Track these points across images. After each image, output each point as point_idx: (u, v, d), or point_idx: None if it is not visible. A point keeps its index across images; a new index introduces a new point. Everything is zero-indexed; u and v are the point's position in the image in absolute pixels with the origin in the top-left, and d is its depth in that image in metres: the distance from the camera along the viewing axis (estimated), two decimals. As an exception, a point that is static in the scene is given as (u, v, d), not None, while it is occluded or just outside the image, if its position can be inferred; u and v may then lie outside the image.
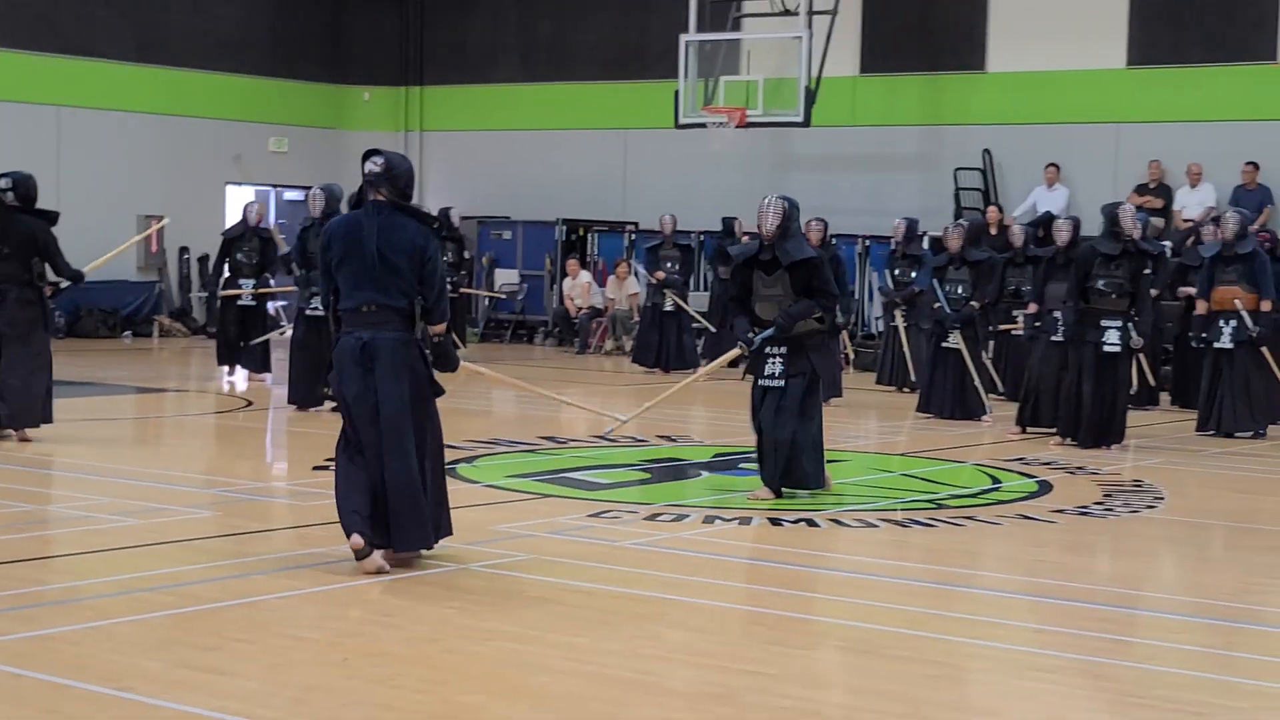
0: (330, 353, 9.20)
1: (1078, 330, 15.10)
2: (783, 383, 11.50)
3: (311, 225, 16.67)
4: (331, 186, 16.94)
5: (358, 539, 8.69)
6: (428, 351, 9.00)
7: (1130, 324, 14.85)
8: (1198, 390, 17.11)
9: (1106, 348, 14.94)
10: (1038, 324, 16.22)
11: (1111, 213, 15.10)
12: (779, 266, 11.52)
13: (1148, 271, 15.18)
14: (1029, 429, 15.87)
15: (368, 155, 9.00)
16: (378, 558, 8.75)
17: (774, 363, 11.54)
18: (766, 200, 11.63)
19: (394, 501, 8.77)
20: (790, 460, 11.53)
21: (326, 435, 14.84)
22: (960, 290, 17.10)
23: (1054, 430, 15.44)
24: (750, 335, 11.59)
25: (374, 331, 8.82)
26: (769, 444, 11.56)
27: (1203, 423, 16.46)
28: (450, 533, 9.18)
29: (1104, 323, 14.94)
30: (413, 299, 8.88)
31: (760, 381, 11.61)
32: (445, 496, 9.17)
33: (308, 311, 16.31)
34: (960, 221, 18.25)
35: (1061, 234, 16.13)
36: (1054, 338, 15.70)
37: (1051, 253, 16.34)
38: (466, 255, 25.34)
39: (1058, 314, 15.64)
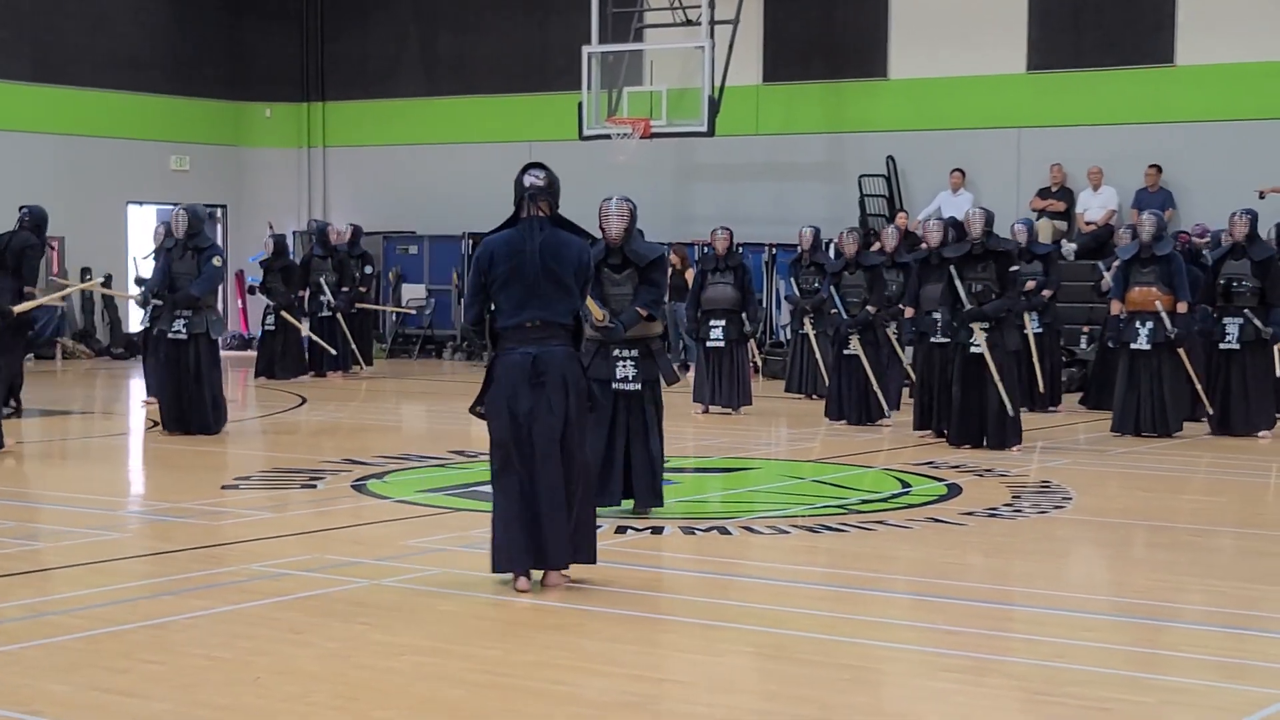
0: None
1: (952, 333, 15.27)
2: (638, 386, 11.00)
3: (174, 247, 16.27)
4: (194, 207, 16.50)
5: (524, 582, 8.70)
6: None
7: (990, 325, 14.98)
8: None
9: (972, 349, 15.06)
10: (914, 327, 16.34)
11: (962, 217, 15.30)
12: (629, 266, 11.06)
13: (1014, 269, 15.28)
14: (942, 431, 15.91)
15: (527, 168, 8.96)
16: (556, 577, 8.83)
17: (625, 365, 11.00)
18: (612, 202, 11.08)
19: (546, 518, 8.69)
20: (654, 477, 11.03)
21: (232, 455, 14.78)
22: (859, 295, 17.17)
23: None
24: (607, 315, 10.86)
25: (540, 346, 8.74)
26: (641, 461, 10.97)
27: (1118, 424, 16.49)
28: (592, 559, 9.04)
29: (972, 324, 15.08)
30: (576, 313, 8.87)
31: (614, 384, 10.97)
32: (593, 519, 9.11)
33: (170, 335, 15.92)
34: (854, 227, 18.17)
35: (933, 235, 16.25)
36: (933, 339, 15.82)
37: (924, 255, 16.43)
38: (370, 271, 25.22)
39: (936, 315, 15.75)
